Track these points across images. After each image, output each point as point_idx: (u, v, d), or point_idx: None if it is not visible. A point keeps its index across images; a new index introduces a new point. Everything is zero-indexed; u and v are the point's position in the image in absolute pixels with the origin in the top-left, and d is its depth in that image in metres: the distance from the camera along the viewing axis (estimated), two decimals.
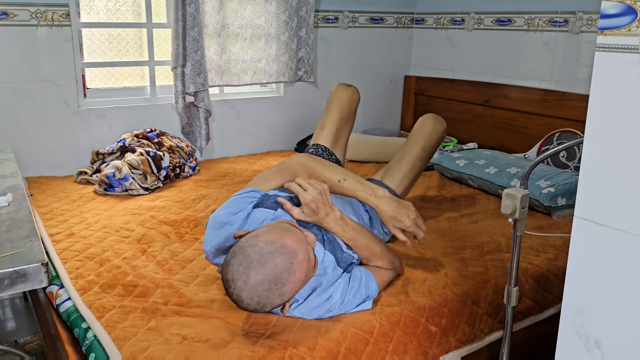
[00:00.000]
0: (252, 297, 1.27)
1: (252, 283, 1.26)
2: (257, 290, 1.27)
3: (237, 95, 3.33)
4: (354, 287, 1.53)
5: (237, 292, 1.28)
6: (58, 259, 1.77)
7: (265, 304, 1.29)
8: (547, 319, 1.85)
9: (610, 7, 0.81)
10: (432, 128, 2.08)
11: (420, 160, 2.06)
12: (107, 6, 2.91)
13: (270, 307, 1.31)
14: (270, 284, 1.27)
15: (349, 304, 1.52)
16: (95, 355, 1.30)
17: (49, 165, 2.78)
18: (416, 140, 2.08)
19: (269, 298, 1.28)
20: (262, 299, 1.28)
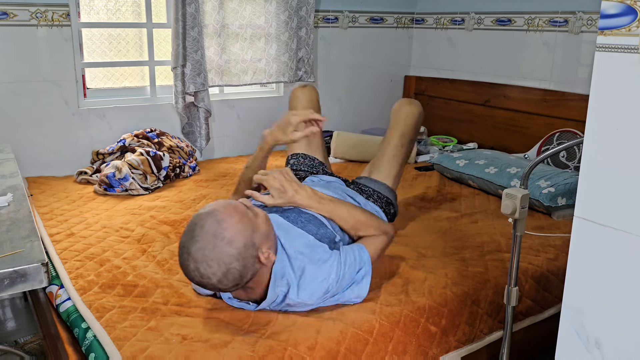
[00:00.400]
0: (209, 265, 1.29)
1: (197, 256, 1.30)
2: (205, 256, 1.29)
3: (237, 95, 3.33)
4: (347, 261, 1.53)
5: (197, 272, 1.31)
6: (58, 259, 1.77)
7: (228, 262, 1.30)
8: (547, 319, 1.85)
9: (610, 7, 0.80)
10: (407, 112, 2.08)
11: (402, 146, 2.06)
12: (107, 6, 2.91)
13: (239, 262, 1.32)
14: (210, 243, 1.30)
15: (345, 278, 1.51)
16: (95, 355, 1.30)
17: (49, 165, 2.79)
18: (394, 129, 2.08)
19: (222, 253, 1.30)
20: (219, 260, 1.29)
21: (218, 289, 1.37)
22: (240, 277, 1.35)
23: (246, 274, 1.36)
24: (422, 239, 2.05)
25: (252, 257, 1.35)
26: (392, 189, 2.05)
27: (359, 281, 1.55)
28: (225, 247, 1.31)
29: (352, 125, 3.74)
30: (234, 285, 1.37)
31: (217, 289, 1.38)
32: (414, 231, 2.12)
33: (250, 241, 1.35)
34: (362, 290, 1.55)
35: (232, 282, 1.34)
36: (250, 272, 1.37)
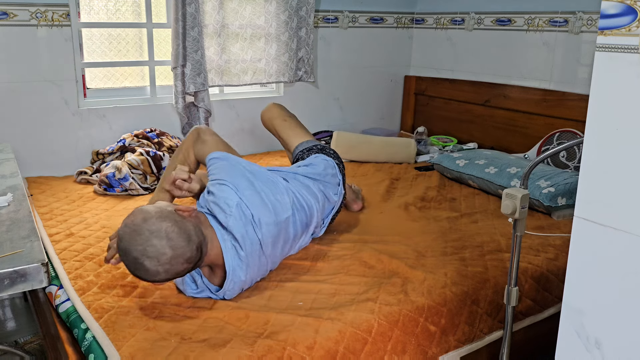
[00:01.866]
0: (151, 245, 1.39)
1: (138, 250, 1.40)
2: (143, 244, 1.39)
3: (237, 95, 3.33)
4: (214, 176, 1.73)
5: (152, 261, 1.40)
6: (57, 259, 1.77)
7: (159, 229, 1.41)
8: (547, 319, 1.85)
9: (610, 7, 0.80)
10: (268, 109, 2.39)
11: (284, 120, 2.32)
12: (107, 6, 2.91)
13: (167, 223, 1.43)
14: (135, 235, 1.40)
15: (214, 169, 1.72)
16: (94, 355, 1.30)
17: (49, 165, 2.78)
18: (271, 121, 2.35)
19: (149, 229, 1.40)
20: (151, 236, 1.40)
21: (186, 260, 1.44)
22: (184, 232, 1.44)
23: (185, 228, 1.46)
24: (422, 238, 2.05)
25: (172, 214, 1.47)
26: (306, 142, 2.22)
27: None
28: (146, 224, 1.42)
29: (352, 125, 3.74)
30: (193, 248, 1.45)
31: (186, 260, 1.45)
32: (413, 231, 2.12)
33: (161, 207, 1.48)
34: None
35: (186, 243, 1.43)
36: (186, 225, 1.47)
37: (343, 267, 1.79)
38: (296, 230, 1.80)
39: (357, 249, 1.93)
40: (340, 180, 2.09)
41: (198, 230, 1.51)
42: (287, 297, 1.61)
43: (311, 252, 1.91)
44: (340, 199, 2.07)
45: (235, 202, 1.61)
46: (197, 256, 1.49)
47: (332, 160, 2.10)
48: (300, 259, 1.86)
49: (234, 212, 1.59)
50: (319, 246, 1.96)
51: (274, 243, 1.69)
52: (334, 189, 2.03)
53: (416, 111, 3.88)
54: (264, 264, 1.68)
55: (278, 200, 1.74)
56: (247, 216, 1.62)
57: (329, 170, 2.04)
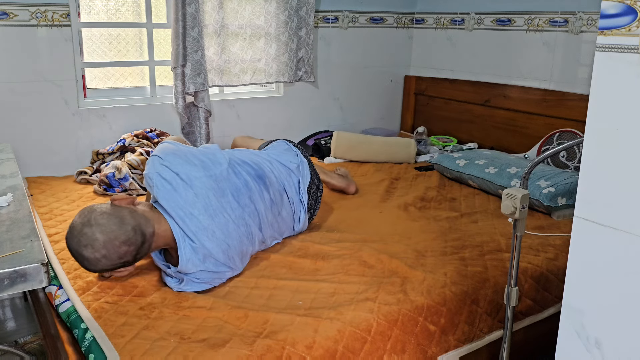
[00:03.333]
0: (95, 238, 1.49)
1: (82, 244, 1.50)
2: (87, 239, 1.49)
3: (237, 95, 3.33)
4: None
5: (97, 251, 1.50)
6: (56, 259, 1.77)
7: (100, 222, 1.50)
8: (547, 319, 1.85)
9: (610, 7, 0.80)
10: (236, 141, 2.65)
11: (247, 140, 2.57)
12: (107, 6, 2.91)
13: (107, 216, 1.52)
14: (79, 232, 1.50)
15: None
16: (94, 355, 1.30)
17: (49, 165, 2.78)
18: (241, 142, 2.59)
19: (94, 225, 1.50)
20: (95, 229, 1.49)
21: (122, 242, 1.51)
22: (115, 217, 1.53)
23: (117, 213, 1.54)
24: (422, 238, 2.05)
25: (105, 205, 1.57)
26: (263, 144, 2.31)
27: None
28: (78, 219, 1.52)
29: (352, 125, 3.74)
30: (128, 229, 1.53)
31: (124, 242, 1.51)
32: (413, 231, 2.12)
33: (96, 204, 1.58)
34: None
35: (117, 227, 1.51)
36: (119, 211, 1.55)
37: (342, 267, 1.79)
38: (246, 182, 1.83)
39: (356, 248, 1.93)
40: (297, 152, 2.16)
41: (135, 214, 1.58)
42: (286, 296, 1.61)
43: (311, 252, 1.91)
44: (307, 171, 2.11)
45: (154, 171, 1.68)
46: (138, 238, 1.54)
47: (286, 142, 2.21)
48: (300, 259, 1.86)
49: (155, 182, 1.66)
50: (319, 246, 1.96)
51: (219, 195, 1.71)
52: (290, 158, 2.10)
53: (416, 111, 3.88)
54: (229, 228, 1.69)
55: (208, 158, 1.79)
56: (171, 180, 1.66)
57: (280, 147, 2.15)
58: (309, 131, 3.53)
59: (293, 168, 2.07)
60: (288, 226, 2.01)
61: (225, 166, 1.80)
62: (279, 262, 1.83)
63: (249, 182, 1.84)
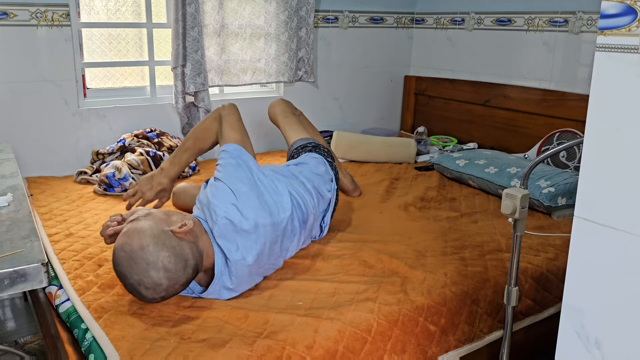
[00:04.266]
0: (148, 276, 1.40)
1: (135, 279, 1.41)
2: (140, 272, 1.40)
3: (237, 95, 3.33)
4: (217, 169, 1.74)
5: (149, 290, 1.42)
6: (56, 259, 1.77)
7: (155, 259, 1.40)
8: (547, 319, 1.85)
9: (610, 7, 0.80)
10: (277, 105, 2.42)
11: (286, 117, 2.37)
12: (107, 6, 2.91)
13: (162, 249, 1.42)
14: (131, 262, 1.40)
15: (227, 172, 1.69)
16: (94, 355, 1.30)
17: (49, 165, 2.78)
18: (277, 116, 2.39)
19: (144, 257, 1.40)
20: (147, 264, 1.40)
21: (182, 285, 1.47)
22: (181, 259, 1.44)
23: (183, 253, 1.45)
24: (422, 238, 2.05)
25: (169, 237, 1.45)
26: (301, 139, 2.27)
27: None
28: (143, 253, 1.40)
29: (352, 125, 3.74)
30: (189, 272, 1.47)
31: (182, 284, 1.47)
32: (413, 231, 2.12)
33: (157, 229, 1.45)
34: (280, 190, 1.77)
35: (182, 271, 1.44)
36: (183, 250, 1.46)
37: (343, 267, 1.79)
38: (294, 227, 1.80)
39: (356, 248, 1.93)
40: (332, 177, 2.10)
41: (195, 249, 1.50)
42: (286, 296, 1.61)
43: (311, 252, 1.91)
44: (335, 196, 2.09)
45: (223, 212, 1.58)
46: (193, 276, 1.51)
47: (321, 157, 2.13)
48: (300, 259, 1.86)
49: (219, 222, 1.57)
50: (319, 246, 1.96)
51: (272, 242, 1.68)
52: (326, 185, 2.04)
53: (416, 111, 3.88)
54: (261, 268, 1.67)
55: (276, 201, 1.73)
56: (238, 225, 1.58)
57: (320, 168, 2.07)
58: None
59: (327, 199, 2.04)
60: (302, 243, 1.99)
61: (288, 214, 1.74)
62: None
63: (296, 229, 1.81)
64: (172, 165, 2.06)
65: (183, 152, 2.05)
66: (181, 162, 2.06)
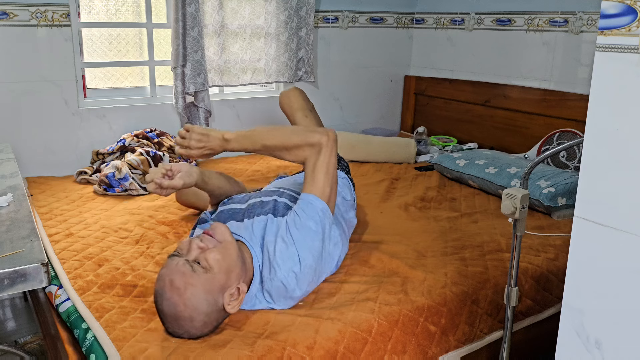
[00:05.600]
0: (189, 328, 1.36)
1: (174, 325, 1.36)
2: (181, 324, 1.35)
3: (237, 95, 3.33)
4: (295, 221, 1.57)
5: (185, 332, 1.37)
6: (56, 259, 1.77)
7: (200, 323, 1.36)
8: (547, 319, 1.85)
9: (610, 7, 0.80)
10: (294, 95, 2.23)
11: (306, 117, 2.18)
12: (107, 6, 2.91)
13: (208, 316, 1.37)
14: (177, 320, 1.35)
15: (303, 236, 1.55)
16: (95, 356, 1.30)
17: (49, 165, 2.78)
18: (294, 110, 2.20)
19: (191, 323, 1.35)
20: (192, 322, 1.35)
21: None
22: (222, 316, 1.42)
23: (220, 317, 1.42)
24: (422, 238, 2.05)
25: (218, 312, 1.40)
26: None
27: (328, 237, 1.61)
28: (188, 323, 1.35)
29: (352, 125, 3.74)
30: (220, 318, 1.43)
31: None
32: (413, 231, 2.12)
33: (211, 302, 1.38)
34: (334, 239, 1.66)
35: (215, 320, 1.41)
36: (221, 319, 1.43)
37: (343, 267, 1.79)
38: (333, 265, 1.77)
39: (357, 248, 1.93)
40: (354, 199, 2.05)
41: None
42: None
43: None
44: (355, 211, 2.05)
45: (283, 276, 1.51)
46: None
47: (347, 177, 2.05)
48: None
49: (274, 282, 1.51)
50: None
51: (309, 284, 1.61)
52: (352, 213, 1.98)
53: (416, 111, 3.88)
54: None
55: (329, 253, 1.67)
56: (290, 291, 1.53)
57: (347, 193, 1.97)
58: None
59: (353, 225, 2.01)
60: None
61: (333, 268, 1.72)
62: None
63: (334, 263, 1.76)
64: (237, 142, 1.71)
65: (258, 140, 1.71)
66: (246, 146, 1.72)
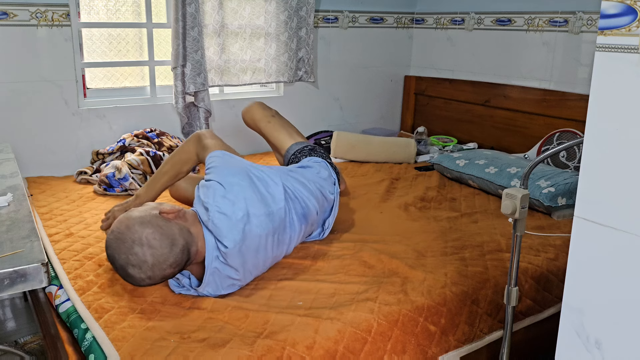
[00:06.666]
0: (134, 254, 1.45)
1: (122, 259, 1.46)
2: (127, 253, 1.46)
3: (237, 95, 3.33)
4: (206, 172, 1.72)
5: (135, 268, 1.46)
6: (56, 259, 1.77)
7: (140, 236, 1.46)
8: (547, 319, 1.85)
9: (610, 7, 0.80)
10: (253, 108, 2.38)
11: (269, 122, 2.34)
12: (107, 6, 2.91)
13: (147, 228, 1.47)
14: (119, 243, 1.46)
15: (214, 173, 1.69)
16: (94, 356, 1.30)
17: (49, 165, 2.78)
18: (256, 122, 2.36)
19: (131, 237, 1.46)
20: (133, 243, 1.45)
21: (169, 265, 1.48)
22: (167, 237, 1.48)
23: (169, 232, 1.49)
24: (422, 238, 2.05)
25: (156, 218, 1.51)
26: (295, 144, 2.24)
27: None
28: (129, 232, 1.46)
29: (352, 125, 3.74)
30: (177, 252, 1.49)
31: (171, 264, 1.48)
32: (413, 231, 2.12)
33: (146, 212, 1.52)
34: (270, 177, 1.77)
35: (168, 249, 1.47)
36: (170, 229, 1.50)
37: (343, 267, 1.79)
38: (292, 220, 1.79)
39: (357, 248, 1.93)
40: (335, 180, 2.10)
41: (184, 231, 1.53)
42: (286, 296, 1.61)
43: (311, 252, 1.91)
44: (337, 197, 2.08)
45: (215, 207, 1.58)
46: (184, 258, 1.52)
47: (324, 161, 2.12)
48: (300, 259, 1.86)
49: (213, 217, 1.57)
50: (319, 246, 1.96)
51: (269, 234, 1.67)
52: (330, 188, 2.04)
53: (416, 111, 3.88)
54: (259, 259, 1.67)
55: (270, 192, 1.73)
56: (231, 216, 1.58)
57: (324, 172, 2.06)
58: (309, 131, 3.52)
59: (330, 200, 2.04)
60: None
61: (282, 204, 1.73)
62: (279, 262, 1.83)
63: (294, 222, 1.80)
64: (148, 192, 2.00)
65: (160, 177, 1.99)
66: (156, 187, 2.00)
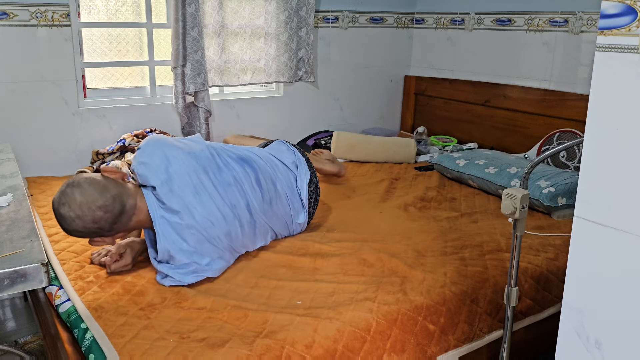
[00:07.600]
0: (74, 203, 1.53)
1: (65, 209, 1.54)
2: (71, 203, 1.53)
3: (237, 95, 3.33)
4: None
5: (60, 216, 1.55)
6: (56, 260, 1.77)
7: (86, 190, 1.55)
8: (547, 319, 1.85)
9: (610, 7, 0.80)
10: (230, 140, 2.60)
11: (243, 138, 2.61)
12: (107, 6, 2.91)
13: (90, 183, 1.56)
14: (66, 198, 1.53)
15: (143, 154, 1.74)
16: (94, 355, 1.30)
17: (49, 165, 2.78)
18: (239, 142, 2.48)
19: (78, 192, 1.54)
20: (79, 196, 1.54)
21: (99, 207, 1.54)
22: (99, 184, 1.57)
23: (103, 182, 1.58)
24: (422, 238, 2.05)
25: (95, 174, 1.60)
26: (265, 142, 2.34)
27: None
28: (66, 182, 1.56)
29: (352, 125, 3.74)
30: (107, 197, 1.56)
31: (100, 207, 1.54)
32: (413, 231, 2.12)
33: (90, 174, 1.61)
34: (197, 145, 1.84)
35: (98, 192, 1.55)
36: (106, 181, 1.60)
37: (342, 266, 1.79)
38: (226, 162, 1.84)
39: (356, 248, 1.93)
40: (295, 151, 2.16)
41: (120, 185, 1.63)
42: (285, 296, 1.61)
43: (310, 251, 1.91)
44: (306, 168, 2.12)
45: (135, 164, 1.70)
46: (117, 207, 1.58)
47: (285, 144, 2.20)
48: (300, 258, 1.86)
49: (136, 170, 1.69)
50: (319, 245, 1.96)
51: (200, 172, 1.73)
52: (286, 154, 2.12)
53: (416, 111, 3.88)
54: (205, 199, 1.71)
55: (189, 141, 1.83)
56: (150, 162, 1.68)
57: (282, 147, 2.16)
58: (309, 131, 3.52)
59: (289, 163, 2.08)
60: (283, 223, 1.99)
61: (203, 146, 1.83)
62: (279, 261, 1.83)
63: (230, 163, 1.86)
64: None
65: None
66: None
